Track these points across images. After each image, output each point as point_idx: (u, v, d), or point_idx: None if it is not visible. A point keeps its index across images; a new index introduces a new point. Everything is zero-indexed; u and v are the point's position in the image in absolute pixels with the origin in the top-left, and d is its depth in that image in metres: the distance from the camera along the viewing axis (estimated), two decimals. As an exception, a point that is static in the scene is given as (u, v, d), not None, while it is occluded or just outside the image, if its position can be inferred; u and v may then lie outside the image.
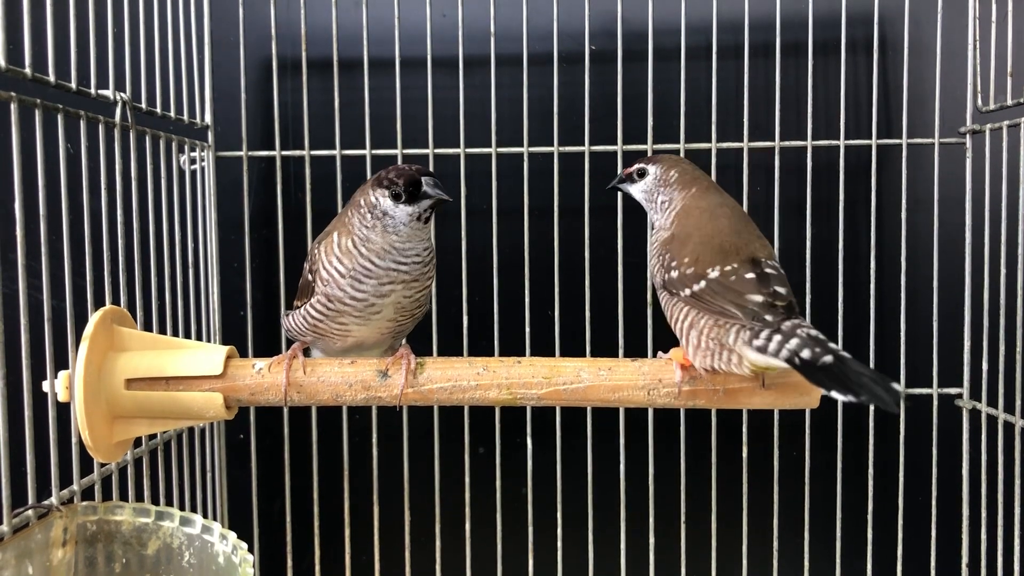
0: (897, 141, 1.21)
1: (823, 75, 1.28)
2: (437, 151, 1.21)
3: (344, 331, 0.90)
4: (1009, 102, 1.12)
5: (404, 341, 0.95)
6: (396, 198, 0.86)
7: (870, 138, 1.22)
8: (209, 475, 1.19)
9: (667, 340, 1.23)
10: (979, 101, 1.18)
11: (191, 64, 1.17)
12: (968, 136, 1.20)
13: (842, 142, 1.21)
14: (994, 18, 1.15)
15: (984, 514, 1.17)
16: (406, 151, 1.21)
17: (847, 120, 1.21)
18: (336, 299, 0.88)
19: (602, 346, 1.20)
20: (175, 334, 1.10)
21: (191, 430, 1.14)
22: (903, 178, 1.20)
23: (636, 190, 0.96)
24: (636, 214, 1.20)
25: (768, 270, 0.81)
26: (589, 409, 1.24)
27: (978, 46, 1.19)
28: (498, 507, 1.25)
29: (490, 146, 1.21)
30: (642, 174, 0.95)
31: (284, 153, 1.23)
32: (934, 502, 1.21)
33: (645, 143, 1.20)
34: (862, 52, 1.29)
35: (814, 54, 1.21)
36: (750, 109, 1.21)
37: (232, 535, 0.81)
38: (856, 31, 1.28)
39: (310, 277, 0.91)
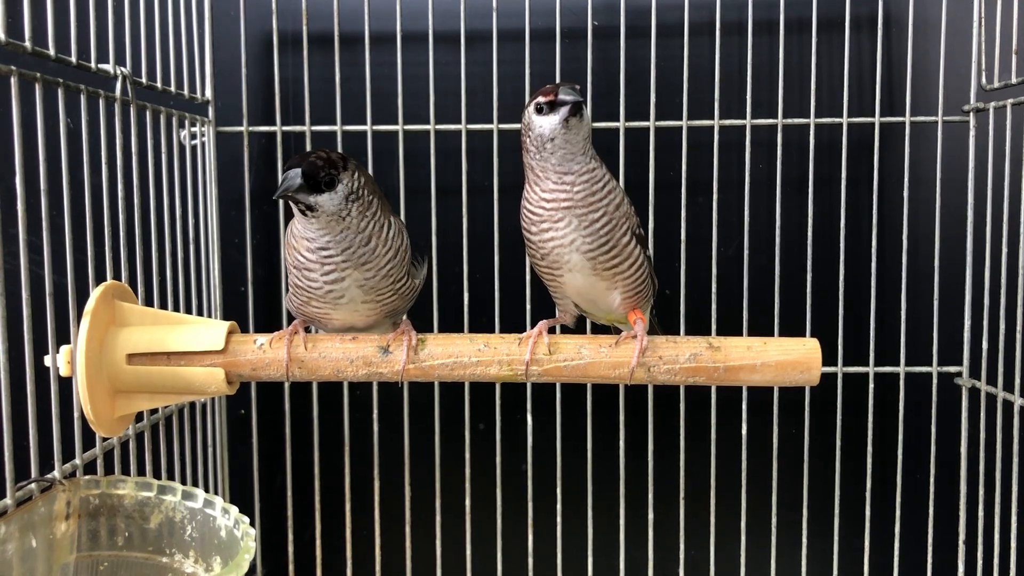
0: (900, 119, 1.20)
1: (826, 52, 1.27)
2: (438, 127, 1.20)
3: (325, 315, 0.90)
4: (1014, 80, 1.12)
5: (405, 317, 0.95)
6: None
7: (873, 116, 1.21)
8: (210, 450, 1.20)
9: (670, 321, 1.23)
10: (983, 79, 1.18)
11: (191, 39, 1.16)
12: (972, 114, 1.19)
13: (845, 120, 1.20)
14: (1000, -5, 1.14)
15: (982, 492, 1.18)
16: (407, 127, 1.20)
17: (850, 98, 1.21)
18: (299, 287, 0.88)
19: (602, 324, 1.20)
20: (176, 310, 1.10)
21: (192, 405, 1.14)
22: (906, 156, 1.20)
23: (580, 125, 0.85)
24: (639, 189, 1.19)
25: None
26: (589, 385, 1.24)
27: (983, 23, 1.18)
28: (498, 483, 1.25)
29: (492, 122, 1.20)
30: (579, 109, 0.84)
31: (285, 129, 1.22)
32: (932, 480, 1.22)
33: (647, 120, 1.20)
34: (866, 29, 1.28)
35: (818, 31, 1.20)
36: (753, 86, 1.20)
37: (234, 509, 0.81)
38: (860, 8, 1.27)
39: None
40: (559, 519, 1.23)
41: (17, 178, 0.76)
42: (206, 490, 1.15)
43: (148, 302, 1.01)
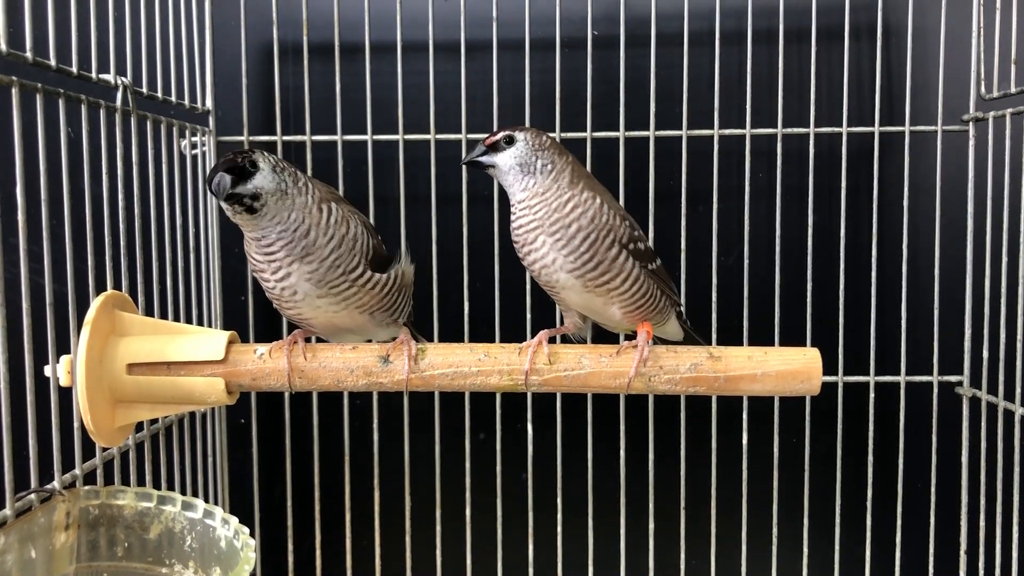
0: (900, 128, 1.21)
1: (826, 62, 1.27)
2: (438, 136, 1.20)
3: (298, 314, 0.89)
4: (1013, 89, 1.12)
5: (404, 326, 0.95)
6: None
7: (873, 125, 1.21)
8: (210, 460, 1.20)
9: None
10: (982, 88, 1.18)
11: (192, 49, 1.16)
12: (971, 124, 1.19)
13: (844, 129, 1.20)
14: (998, 4, 1.14)
15: (983, 501, 1.17)
16: (407, 136, 1.20)
17: (850, 107, 1.21)
18: (267, 292, 0.89)
19: (604, 332, 1.20)
20: (176, 319, 1.10)
21: (192, 415, 1.14)
22: (906, 165, 1.20)
23: (507, 157, 0.89)
24: (639, 198, 1.20)
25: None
26: (590, 395, 1.24)
27: (982, 33, 1.18)
28: (498, 492, 1.25)
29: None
30: (511, 141, 0.89)
31: (285, 138, 1.22)
32: (933, 489, 1.21)
33: (647, 129, 1.20)
34: (865, 38, 1.28)
35: (817, 40, 1.21)
36: (752, 95, 1.20)
37: (234, 520, 0.81)
38: (859, 17, 1.27)
39: None
40: (559, 528, 1.23)
41: (18, 187, 0.76)
42: (206, 500, 1.15)
43: (148, 312, 1.01)
